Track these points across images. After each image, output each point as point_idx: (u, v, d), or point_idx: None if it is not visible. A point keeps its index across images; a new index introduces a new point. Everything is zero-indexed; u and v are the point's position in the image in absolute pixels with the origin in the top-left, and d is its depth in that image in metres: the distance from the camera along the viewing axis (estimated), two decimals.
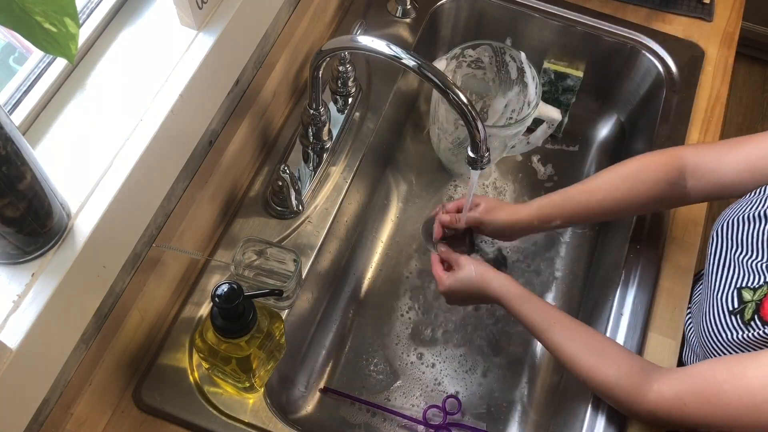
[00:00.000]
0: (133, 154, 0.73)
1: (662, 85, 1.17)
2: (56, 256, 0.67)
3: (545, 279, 1.18)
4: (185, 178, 0.89)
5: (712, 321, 0.78)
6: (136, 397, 0.87)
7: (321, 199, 1.02)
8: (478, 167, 0.83)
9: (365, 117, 1.11)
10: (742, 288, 0.76)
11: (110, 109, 0.76)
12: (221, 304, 0.73)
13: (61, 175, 0.70)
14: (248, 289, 0.76)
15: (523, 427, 1.06)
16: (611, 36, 1.20)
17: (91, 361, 0.80)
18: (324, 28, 1.16)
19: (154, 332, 0.91)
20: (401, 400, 1.06)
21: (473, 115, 0.79)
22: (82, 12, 0.79)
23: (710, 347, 0.79)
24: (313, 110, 0.97)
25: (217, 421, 0.86)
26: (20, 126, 0.73)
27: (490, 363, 1.09)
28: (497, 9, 1.24)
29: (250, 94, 0.98)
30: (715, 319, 0.78)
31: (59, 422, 0.79)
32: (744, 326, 0.74)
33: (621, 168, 0.92)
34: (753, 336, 0.72)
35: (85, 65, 0.79)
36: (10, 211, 0.60)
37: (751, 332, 0.72)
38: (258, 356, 0.80)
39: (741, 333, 0.74)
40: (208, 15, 0.81)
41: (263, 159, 1.04)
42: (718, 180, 0.85)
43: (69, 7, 0.51)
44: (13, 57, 0.80)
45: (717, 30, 1.22)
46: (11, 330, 0.63)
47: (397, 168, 1.25)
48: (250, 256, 0.93)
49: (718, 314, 0.78)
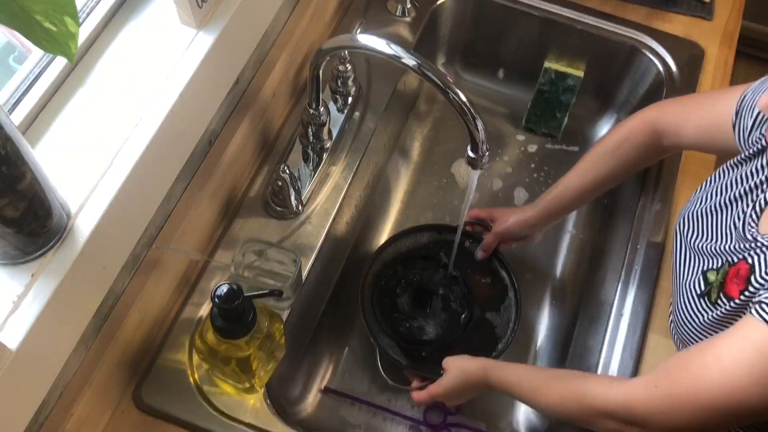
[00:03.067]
0: (133, 154, 0.73)
1: (662, 84, 1.17)
2: (56, 256, 0.67)
3: (545, 280, 1.18)
4: (185, 178, 0.89)
5: (684, 308, 0.79)
6: (136, 398, 0.87)
7: (321, 199, 1.02)
8: (478, 167, 0.83)
9: (365, 117, 1.11)
10: (706, 271, 0.78)
11: (110, 108, 0.76)
12: (221, 304, 0.73)
13: (61, 175, 0.70)
14: (248, 290, 0.76)
15: (523, 427, 1.05)
16: (611, 35, 1.20)
17: (91, 362, 0.80)
18: (324, 28, 1.16)
19: (154, 332, 0.90)
20: (402, 400, 1.06)
21: (473, 114, 0.78)
22: (82, 11, 0.79)
23: (686, 336, 0.80)
24: (313, 110, 0.97)
25: (217, 422, 0.85)
26: (20, 126, 0.73)
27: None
28: (497, 8, 1.23)
29: (249, 93, 0.98)
30: (685, 306, 0.79)
31: (59, 423, 0.78)
32: (712, 306, 0.74)
33: (604, 145, 0.98)
34: (721, 313, 0.72)
35: (85, 64, 0.79)
36: (9, 211, 0.60)
37: (719, 310, 0.73)
38: (258, 357, 0.80)
39: (710, 313, 0.74)
40: (208, 14, 0.81)
41: (263, 159, 1.04)
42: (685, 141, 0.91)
43: (69, 6, 0.50)
44: (12, 56, 0.80)
45: (717, 29, 1.22)
46: (11, 330, 0.63)
47: (397, 168, 1.25)
48: (249, 257, 0.93)
49: (688, 300, 0.79)
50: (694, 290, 0.78)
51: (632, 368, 0.91)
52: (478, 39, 1.30)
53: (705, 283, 0.77)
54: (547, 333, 1.13)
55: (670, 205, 1.04)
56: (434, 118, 1.31)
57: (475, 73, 1.36)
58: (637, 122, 0.95)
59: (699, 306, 0.77)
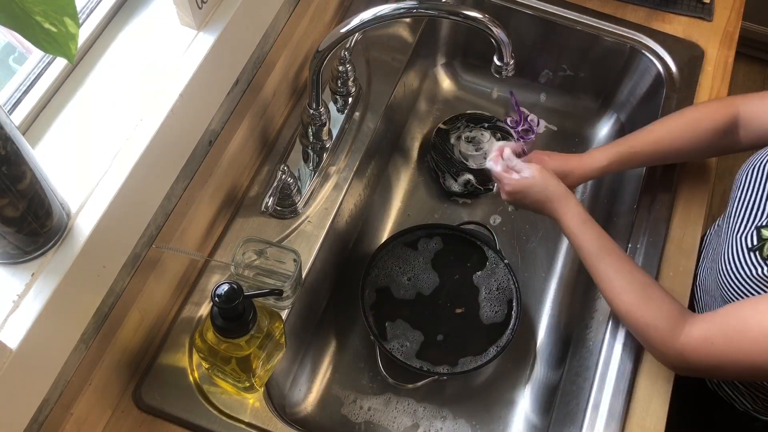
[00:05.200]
0: (133, 154, 0.73)
1: (662, 84, 1.17)
2: (56, 256, 0.67)
3: (547, 274, 1.18)
4: (185, 178, 0.89)
5: (732, 259, 0.81)
6: (136, 397, 0.87)
7: (321, 199, 1.02)
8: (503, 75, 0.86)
9: (365, 117, 1.11)
10: (762, 227, 0.79)
11: (110, 109, 0.76)
12: (221, 303, 0.73)
13: (61, 175, 0.70)
14: (248, 289, 0.76)
15: (525, 425, 1.06)
16: (611, 36, 1.21)
17: (91, 361, 0.80)
18: (324, 28, 1.16)
19: (154, 332, 0.91)
20: (402, 399, 1.06)
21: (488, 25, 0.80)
22: (81, 12, 0.79)
23: (729, 286, 0.81)
24: (313, 110, 0.97)
25: (217, 421, 0.86)
26: (20, 126, 0.73)
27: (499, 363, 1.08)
28: (497, 9, 1.23)
29: (249, 93, 0.98)
30: (734, 257, 0.80)
31: (59, 422, 0.79)
32: (763, 262, 0.76)
33: (680, 118, 0.97)
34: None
35: (85, 65, 0.79)
36: (10, 211, 0.60)
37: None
38: (258, 356, 0.80)
39: (761, 269, 0.76)
40: (208, 15, 0.81)
41: (263, 159, 1.04)
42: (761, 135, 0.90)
43: (69, 7, 0.51)
44: (12, 57, 0.80)
45: (717, 30, 1.22)
46: (11, 330, 0.63)
47: (396, 167, 1.25)
48: (249, 256, 0.93)
49: (738, 252, 0.80)
50: (745, 243, 0.79)
51: (632, 368, 0.91)
52: (478, 40, 1.30)
53: (758, 238, 0.78)
54: (547, 333, 1.13)
55: (670, 205, 1.04)
56: (434, 118, 1.31)
57: (475, 73, 1.36)
58: (718, 104, 0.95)
59: (749, 259, 0.78)
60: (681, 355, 0.78)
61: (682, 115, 0.98)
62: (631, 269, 0.85)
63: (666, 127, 0.98)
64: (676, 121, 0.98)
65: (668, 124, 0.98)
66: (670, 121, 0.99)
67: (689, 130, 0.96)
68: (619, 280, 0.84)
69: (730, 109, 0.94)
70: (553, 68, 1.30)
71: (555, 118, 1.32)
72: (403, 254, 1.10)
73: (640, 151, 0.99)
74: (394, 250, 1.10)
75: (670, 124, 0.98)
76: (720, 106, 0.95)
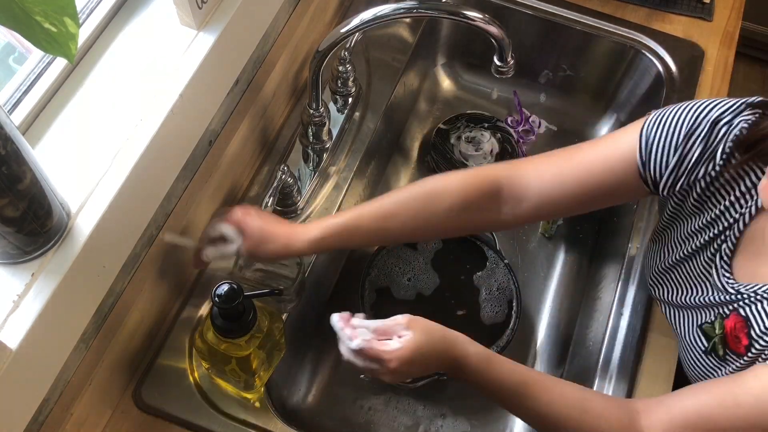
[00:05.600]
0: (133, 154, 0.73)
1: (662, 84, 1.17)
2: (56, 256, 0.67)
3: (544, 278, 1.18)
4: (185, 177, 0.89)
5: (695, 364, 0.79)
6: (136, 397, 0.87)
7: (321, 199, 1.02)
8: (504, 75, 0.85)
9: (365, 117, 1.11)
10: (702, 325, 0.77)
11: (110, 109, 0.76)
12: (221, 303, 0.73)
13: (61, 175, 0.70)
14: (248, 289, 0.76)
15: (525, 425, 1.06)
16: (611, 36, 1.21)
17: (91, 361, 0.80)
18: (324, 28, 1.16)
19: (154, 332, 0.91)
20: (403, 399, 1.06)
21: (492, 25, 0.80)
22: (81, 12, 0.79)
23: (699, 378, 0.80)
24: (313, 110, 0.97)
25: (217, 421, 0.86)
26: (20, 126, 0.73)
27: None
28: (497, 9, 1.23)
29: (249, 93, 0.98)
30: (696, 362, 0.79)
31: (59, 422, 0.79)
32: (722, 362, 0.74)
33: (416, 188, 0.82)
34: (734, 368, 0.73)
35: (85, 65, 0.79)
36: (10, 211, 0.60)
37: (731, 366, 0.73)
38: (258, 356, 0.80)
39: (724, 369, 0.74)
40: (207, 15, 0.81)
41: (263, 159, 1.04)
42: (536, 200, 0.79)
43: (69, 7, 0.51)
44: (12, 57, 0.80)
45: (717, 30, 1.22)
46: (11, 330, 0.63)
47: (396, 168, 1.25)
48: None
49: (696, 355, 0.78)
50: (697, 346, 0.77)
51: (631, 368, 0.91)
52: (478, 40, 1.30)
53: (706, 338, 0.76)
54: (547, 333, 1.13)
55: None
56: (434, 118, 1.31)
57: (475, 74, 1.36)
58: (472, 174, 0.82)
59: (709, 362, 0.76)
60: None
61: (422, 185, 0.81)
62: (561, 392, 0.74)
63: (400, 199, 0.80)
64: (409, 194, 0.81)
65: (401, 195, 0.81)
66: (404, 191, 0.81)
67: (423, 208, 0.79)
68: (555, 409, 0.73)
69: (484, 181, 0.80)
70: (553, 68, 1.30)
71: (555, 118, 1.32)
72: (403, 254, 1.10)
73: (366, 226, 0.81)
74: (394, 250, 1.10)
75: (403, 194, 0.81)
76: (472, 177, 0.81)
